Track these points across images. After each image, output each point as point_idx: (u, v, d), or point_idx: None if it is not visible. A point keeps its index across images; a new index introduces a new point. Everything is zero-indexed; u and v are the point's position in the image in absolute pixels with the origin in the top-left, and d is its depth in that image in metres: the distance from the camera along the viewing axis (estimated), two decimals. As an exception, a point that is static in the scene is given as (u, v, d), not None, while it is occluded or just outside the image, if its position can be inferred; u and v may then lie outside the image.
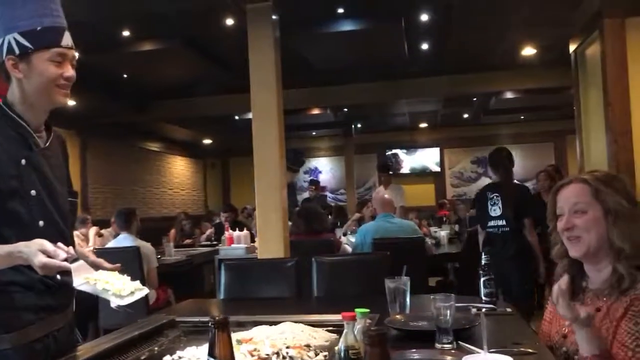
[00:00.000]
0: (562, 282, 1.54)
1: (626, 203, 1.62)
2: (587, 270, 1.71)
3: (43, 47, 1.54)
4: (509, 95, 9.86)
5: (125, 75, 8.07)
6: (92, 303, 1.67)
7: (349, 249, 5.17)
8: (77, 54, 1.66)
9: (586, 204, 1.65)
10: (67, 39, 1.59)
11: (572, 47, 5.47)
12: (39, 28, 1.51)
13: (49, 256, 1.40)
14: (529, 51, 7.66)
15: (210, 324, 1.05)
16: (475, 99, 10.69)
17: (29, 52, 1.54)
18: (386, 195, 5.39)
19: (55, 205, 1.68)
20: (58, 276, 1.59)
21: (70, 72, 1.62)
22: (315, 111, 10.56)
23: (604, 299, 1.61)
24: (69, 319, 1.77)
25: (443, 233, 6.50)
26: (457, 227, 7.36)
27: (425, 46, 7.49)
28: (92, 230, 6.48)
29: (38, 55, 1.54)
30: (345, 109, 11.29)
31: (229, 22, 6.10)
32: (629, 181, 1.81)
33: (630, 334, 1.47)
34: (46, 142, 1.70)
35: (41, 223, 1.61)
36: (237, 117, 10.67)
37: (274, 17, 4.77)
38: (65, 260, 1.42)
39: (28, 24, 1.49)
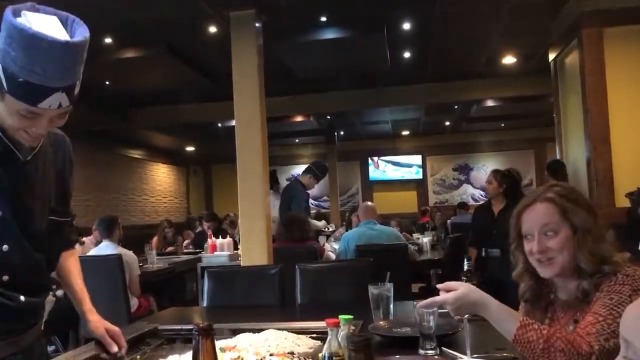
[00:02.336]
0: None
1: (589, 217, 1.61)
2: (558, 282, 1.69)
3: (15, 97, 1.32)
4: (489, 103, 9.97)
5: (107, 83, 8.01)
6: (72, 312, 1.65)
7: (333, 255, 5.17)
8: (67, 111, 1.41)
9: (556, 224, 1.61)
10: (52, 101, 1.32)
11: (551, 56, 5.56)
12: (20, 79, 1.28)
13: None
14: (509, 60, 7.76)
15: (194, 331, 1.05)
16: (456, 107, 10.79)
17: (2, 91, 1.33)
18: (369, 203, 5.43)
19: (25, 228, 1.50)
20: (22, 297, 1.51)
21: (39, 129, 1.40)
22: (299, 118, 10.59)
23: (576, 310, 1.61)
24: (36, 335, 1.65)
25: (425, 240, 6.52)
26: (432, 234, 7.38)
27: (407, 54, 7.56)
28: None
29: (11, 98, 1.33)
30: (329, 117, 11.34)
31: (212, 29, 6.10)
32: (585, 190, 1.82)
33: (605, 306, 1.46)
34: (30, 154, 1.51)
35: (5, 247, 1.46)
36: (220, 125, 10.65)
37: (257, 24, 4.78)
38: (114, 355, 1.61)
39: (16, 68, 1.28)
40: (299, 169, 14.92)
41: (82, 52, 1.35)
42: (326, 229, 6.84)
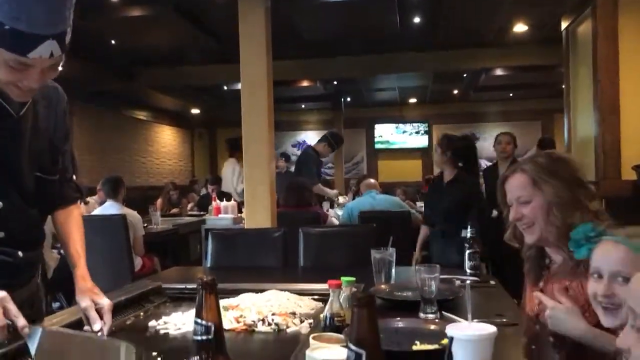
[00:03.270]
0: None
1: (566, 189, 1.65)
2: (546, 249, 1.76)
3: (3, 47, 1.24)
4: (498, 72, 9.86)
5: (113, 42, 7.94)
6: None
7: (336, 222, 5.20)
8: (59, 61, 1.33)
9: (528, 195, 1.70)
10: (43, 50, 1.24)
11: (563, 25, 5.46)
12: (6, 27, 1.20)
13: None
14: (520, 28, 7.63)
15: (197, 285, 1.05)
16: (465, 75, 10.68)
17: None
18: (371, 180, 5.55)
19: (17, 184, 1.48)
20: (20, 253, 1.51)
21: (31, 82, 1.32)
22: (305, 83, 10.50)
23: (569, 279, 1.62)
24: (32, 291, 1.65)
25: (429, 208, 6.52)
26: None
27: (417, 20, 7.43)
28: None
29: None
30: (335, 82, 11.23)
31: (220, -11, 6.01)
32: (577, 160, 1.83)
33: None
34: (22, 109, 1.45)
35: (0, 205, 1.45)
36: (225, 88, 10.58)
37: (265, -15, 4.69)
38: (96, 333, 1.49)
39: (1, 15, 1.19)
40: (303, 135, 14.89)
41: None
42: (336, 198, 6.85)
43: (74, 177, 1.77)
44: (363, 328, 0.91)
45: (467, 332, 1.12)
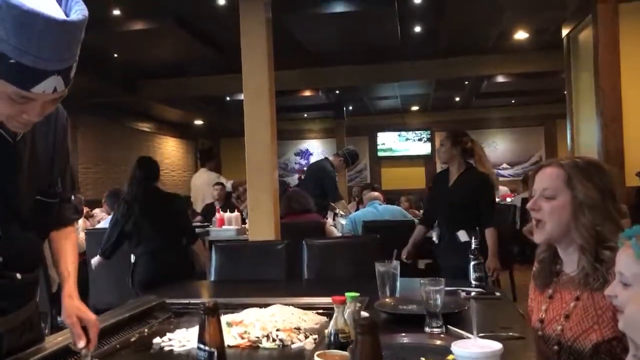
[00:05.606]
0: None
1: (599, 196, 1.60)
2: (560, 253, 1.72)
3: (6, 80, 1.20)
4: (500, 79, 9.87)
5: (116, 55, 7.98)
6: (81, 283, 1.66)
7: (335, 231, 5.20)
8: (62, 95, 1.31)
9: (555, 189, 1.64)
10: (47, 85, 1.21)
11: (564, 31, 5.46)
12: (11, 60, 1.16)
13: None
14: (521, 35, 7.64)
15: (200, 310, 1.05)
16: (467, 82, 10.69)
17: None
18: (374, 192, 5.58)
19: (15, 209, 1.46)
20: (18, 275, 1.48)
21: (31, 116, 1.28)
22: (307, 93, 10.53)
23: (579, 290, 1.61)
24: (31, 311, 1.60)
25: (433, 216, 6.50)
26: None
27: (417, 29, 7.45)
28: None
29: (1, 81, 1.20)
30: (337, 91, 11.26)
31: (221, 1, 6.03)
32: (613, 172, 1.79)
33: None
34: (19, 134, 1.41)
35: None
36: (228, 98, 10.61)
37: (266, -4, 4.71)
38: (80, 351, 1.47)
39: (8, 48, 1.15)
40: (307, 144, 14.93)
41: (79, 33, 1.23)
42: (340, 213, 6.83)
43: (73, 197, 1.73)
44: (366, 354, 0.90)
45: (472, 350, 1.11)
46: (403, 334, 1.58)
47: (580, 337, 1.56)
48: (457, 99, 12.60)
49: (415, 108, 13.83)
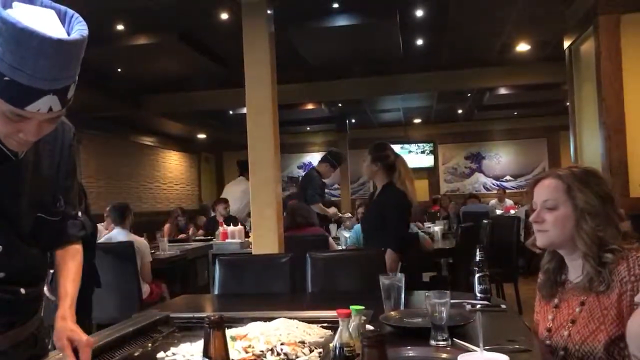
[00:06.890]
0: None
1: (598, 202, 1.64)
2: (566, 260, 1.74)
3: (0, 97, 1.19)
4: (502, 91, 9.89)
5: (119, 70, 8.03)
6: (85, 298, 1.64)
7: (334, 244, 5.19)
8: (60, 115, 1.29)
9: (556, 200, 1.67)
10: (42, 104, 1.19)
11: (566, 43, 5.47)
12: (5, 78, 1.15)
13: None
14: (523, 47, 7.67)
15: (205, 324, 1.04)
16: (469, 95, 10.71)
17: None
18: None
19: (16, 226, 1.44)
20: (22, 290, 1.46)
21: (28, 135, 1.26)
22: (310, 106, 10.55)
23: (584, 295, 1.63)
24: (35, 326, 1.58)
25: (437, 228, 6.50)
26: (443, 223, 7.37)
27: (420, 42, 7.49)
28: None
29: None
30: (340, 104, 11.29)
31: (224, 16, 6.07)
32: (607, 178, 1.83)
33: None
34: (22, 152, 1.39)
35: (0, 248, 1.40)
36: (231, 112, 10.64)
37: (268, 11, 4.74)
38: None
39: (2, 65, 1.14)
40: (309, 157, 14.93)
41: (78, 52, 1.21)
42: (333, 218, 6.79)
43: (80, 214, 1.69)
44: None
45: (478, 363, 1.10)
46: (409, 347, 1.57)
47: (588, 339, 1.58)
48: (460, 111, 12.62)
49: (417, 120, 13.85)
